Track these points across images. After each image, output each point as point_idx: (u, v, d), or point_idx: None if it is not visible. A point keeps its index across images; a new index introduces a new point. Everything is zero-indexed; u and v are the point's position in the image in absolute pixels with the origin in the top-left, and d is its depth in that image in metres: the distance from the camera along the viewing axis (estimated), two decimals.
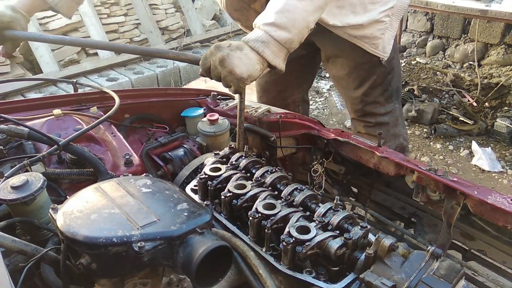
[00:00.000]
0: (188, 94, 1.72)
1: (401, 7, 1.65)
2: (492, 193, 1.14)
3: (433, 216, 1.48)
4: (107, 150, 1.27)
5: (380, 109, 1.89)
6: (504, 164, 3.03)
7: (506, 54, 3.46)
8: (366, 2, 1.57)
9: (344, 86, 1.90)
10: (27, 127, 1.13)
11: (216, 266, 0.82)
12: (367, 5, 1.58)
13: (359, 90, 1.83)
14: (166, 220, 0.82)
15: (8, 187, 0.94)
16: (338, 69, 1.84)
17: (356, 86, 1.83)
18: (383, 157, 1.34)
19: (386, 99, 1.88)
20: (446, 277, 0.84)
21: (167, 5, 4.83)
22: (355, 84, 1.83)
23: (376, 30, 1.63)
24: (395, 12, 1.64)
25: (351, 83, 1.84)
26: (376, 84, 1.80)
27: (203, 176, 1.12)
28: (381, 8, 1.60)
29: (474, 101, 3.47)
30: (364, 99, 1.86)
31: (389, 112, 1.90)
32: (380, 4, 1.60)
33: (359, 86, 1.82)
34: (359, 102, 1.88)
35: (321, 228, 0.94)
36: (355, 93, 1.86)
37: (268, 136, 1.53)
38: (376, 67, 1.75)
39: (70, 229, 0.78)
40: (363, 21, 1.58)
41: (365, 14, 1.58)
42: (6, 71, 3.75)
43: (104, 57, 4.20)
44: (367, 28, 1.61)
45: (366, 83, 1.80)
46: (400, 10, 1.66)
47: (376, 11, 1.59)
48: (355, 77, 1.81)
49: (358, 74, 1.79)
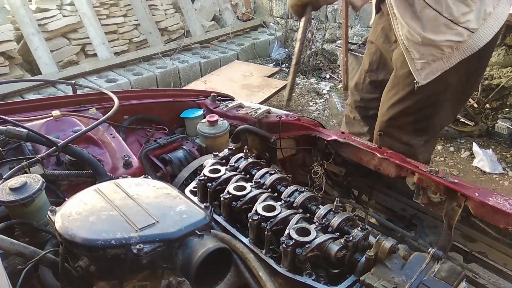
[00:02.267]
0: (187, 95, 1.72)
1: (470, 47, 1.49)
2: (493, 194, 1.13)
3: (434, 218, 1.48)
4: (106, 152, 1.26)
5: (402, 137, 1.75)
6: (505, 165, 3.02)
7: (507, 56, 3.46)
8: (442, 22, 1.44)
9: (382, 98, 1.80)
10: (26, 128, 1.12)
11: (215, 268, 0.81)
12: (440, 26, 1.45)
13: (392, 109, 1.72)
14: (165, 222, 0.82)
15: (7, 188, 0.94)
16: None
17: (390, 105, 1.72)
18: (383, 159, 1.33)
19: (414, 130, 1.73)
20: (447, 279, 0.83)
21: (166, 6, 4.84)
22: (391, 102, 1.72)
23: (429, 54, 1.51)
24: (460, 48, 1.49)
25: (387, 100, 1.74)
26: (408, 111, 1.68)
27: (202, 177, 1.11)
28: (450, 37, 1.46)
29: (475, 102, 3.46)
30: (392, 119, 1.73)
31: (409, 144, 1.75)
32: (453, 33, 1.46)
33: (393, 105, 1.71)
34: (386, 120, 1.76)
35: (321, 230, 0.93)
36: (386, 109, 1.75)
37: (268, 138, 1.52)
38: (412, 94, 1.63)
39: (68, 231, 0.78)
40: (425, 36, 1.47)
41: (432, 31, 1.47)
42: (5, 72, 3.76)
43: (103, 58, 4.20)
44: (422, 46, 1.50)
45: (400, 105, 1.68)
46: (466, 50, 1.50)
47: (443, 36, 1.47)
48: (393, 94, 1.71)
49: (397, 91, 1.69)
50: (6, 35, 3.81)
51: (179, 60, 4.50)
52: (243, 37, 5.24)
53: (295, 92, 4.32)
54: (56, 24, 4.11)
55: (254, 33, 5.37)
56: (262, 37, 5.23)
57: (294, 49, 1.65)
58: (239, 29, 5.28)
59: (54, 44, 4.15)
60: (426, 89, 1.60)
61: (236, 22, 5.34)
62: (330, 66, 4.69)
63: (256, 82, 3.98)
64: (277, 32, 5.16)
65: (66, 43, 4.27)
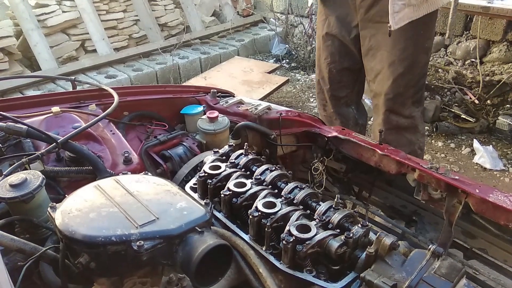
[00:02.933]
0: (187, 92, 1.71)
1: (435, 3, 1.69)
2: (494, 191, 1.13)
3: (434, 215, 1.48)
4: (106, 148, 1.26)
5: (405, 111, 1.90)
6: (506, 162, 3.02)
7: (508, 52, 3.44)
8: None
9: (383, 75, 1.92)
10: (26, 125, 1.12)
11: (215, 265, 0.81)
12: None
13: (395, 86, 1.87)
14: (165, 218, 0.82)
15: (7, 185, 0.94)
16: None
17: (392, 81, 1.86)
18: (384, 155, 1.33)
19: (413, 102, 1.89)
20: (447, 276, 0.83)
21: (166, 1, 4.81)
22: (392, 79, 1.86)
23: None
24: (429, 1, 1.67)
25: (386, 78, 1.88)
26: (410, 84, 1.84)
27: (202, 174, 1.11)
28: None
29: (476, 98, 3.45)
30: (397, 95, 1.89)
31: (412, 116, 1.91)
32: None
33: (396, 82, 1.86)
34: (392, 98, 1.90)
35: (322, 226, 0.93)
36: (389, 88, 1.89)
37: (268, 134, 1.52)
38: (412, 66, 1.79)
39: (68, 228, 0.77)
40: None
41: None
42: (4, 68, 3.75)
43: (103, 54, 4.18)
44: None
45: (404, 80, 1.85)
46: (432, 5, 1.68)
47: None
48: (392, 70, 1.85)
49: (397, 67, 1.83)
50: (6, 31, 3.80)
51: (179, 56, 4.49)
52: (243, 32, 5.22)
53: (296, 88, 4.31)
54: (55, 20, 4.09)
55: (255, 29, 5.35)
56: (263, 32, 5.21)
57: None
58: (239, 25, 5.26)
59: (54, 40, 4.14)
60: (423, 59, 1.81)
61: (236, 17, 5.32)
62: None
63: (257, 78, 3.97)
64: (278, 28, 5.14)
65: (66, 39, 4.25)
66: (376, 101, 1.99)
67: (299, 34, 5.01)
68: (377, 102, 1.99)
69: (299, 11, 5.05)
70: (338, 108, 2.19)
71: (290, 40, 4.99)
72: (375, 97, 2.00)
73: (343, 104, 2.20)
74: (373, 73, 1.95)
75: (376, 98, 1.99)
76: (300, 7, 5.05)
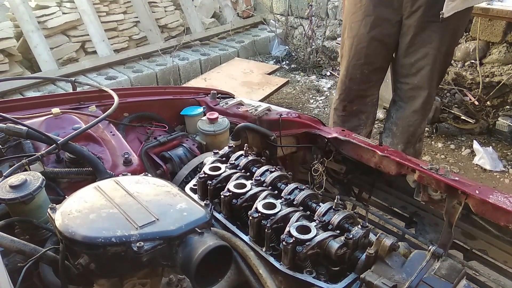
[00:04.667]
0: (187, 93, 1.71)
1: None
2: (494, 192, 1.13)
3: (434, 216, 1.47)
4: (106, 149, 1.26)
5: (434, 92, 2.12)
6: (505, 163, 3.01)
7: (507, 53, 3.45)
8: None
9: None
10: (26, 126, 1.12)
11: (215, 266, 0.81)
12: None
13: (438, 75, 2.09)
14: (165, 219, 0.82)
15: (7, 186, 0.94)
16: None
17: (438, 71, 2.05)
18: (384, 156, 1.33)
19: (437, 84, 2.13)
20: (447, 277, 0.83)
21: (166, 3, 4.82)
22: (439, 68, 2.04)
23: None
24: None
25: (435, 68, 2.04)
26: (443, 74, 2.12)
27: (202, 175, 1.11)
28: None
29: (475, 100, 3.45)
30: (437, 84, 2.12)
31: (433, 97, 2.12)
32: None
33: (439, 73, 2.07)
34: (434, 87, 2.11)
35: (322, 227, 0.93)
36: (434, 77, 2.07)
37: (268, 135, 1.52)
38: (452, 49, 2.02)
39: (68, 229, 0.77)
40: None
41: None
42: (4, 70, 3.75)
43: (103, 55, 4.19)
44: None
45: (443, 70, 2.09)
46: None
47: None
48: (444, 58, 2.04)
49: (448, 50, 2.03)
50: (6, 33, 3.80)
51: (179, 57, 4.49)
52: (243, 34, 5.23)
53: (296, 89, 4.31)
54: (55, 21, 4.10)
55: (254, 30, 5.35)
56: (262, 34, 5.22)
57: None
58: (239, 26, 5.26)
59: (54, 41, 4.14)
60: (453, 52, 2.08)
61: (236, 19, 5.33)
62: (331, 64, 4.68)
63: (256, 79, 3.97)
64: (278, 29, 5.14)
65: (66, 40, 4.26)
66: (414, 92, 2.13)
67: (299, 35, 5.01)
68: (414, 94, 2.13)
69: (299, 13, 5.05)
70: (362, 106, 2.27)
71: (290, 41, 5.00)
72: (413, 90, 2.13)
73: (369, 103, 2.28)
74: (413, 68, 2.07)
75: (415, 90, 2.12)
76: (300, 9, 5.06)
